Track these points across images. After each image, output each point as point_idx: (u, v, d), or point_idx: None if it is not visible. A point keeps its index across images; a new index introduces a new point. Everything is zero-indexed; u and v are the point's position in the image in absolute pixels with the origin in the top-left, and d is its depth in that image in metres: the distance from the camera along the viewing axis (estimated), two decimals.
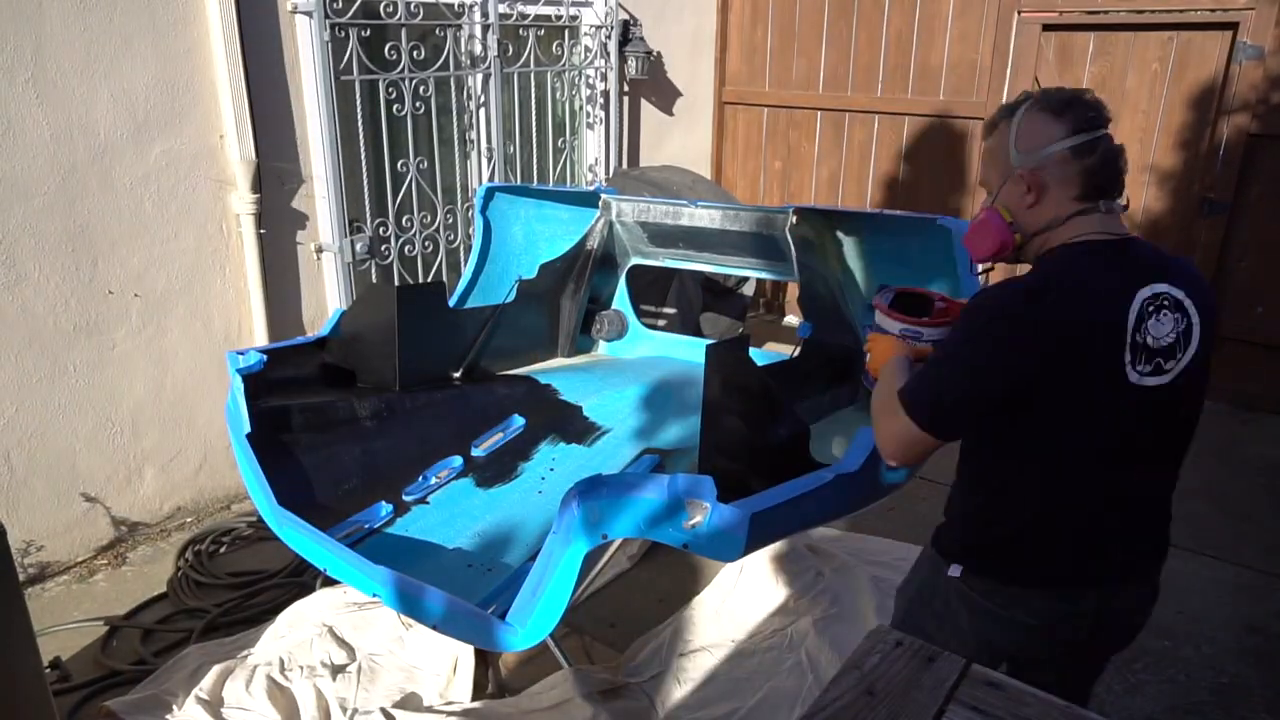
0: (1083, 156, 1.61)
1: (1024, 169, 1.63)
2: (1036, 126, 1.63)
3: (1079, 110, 1.62)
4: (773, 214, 3.19)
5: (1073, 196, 1.62)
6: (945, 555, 1.78)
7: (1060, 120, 1.61)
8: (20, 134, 3.08)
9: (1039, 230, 1.65)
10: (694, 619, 3.08)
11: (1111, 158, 1.64)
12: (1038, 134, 1.63)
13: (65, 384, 3.36)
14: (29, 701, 2.04)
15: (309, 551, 2.10)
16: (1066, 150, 1.60)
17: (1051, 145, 1.61)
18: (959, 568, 1.73)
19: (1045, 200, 1.63)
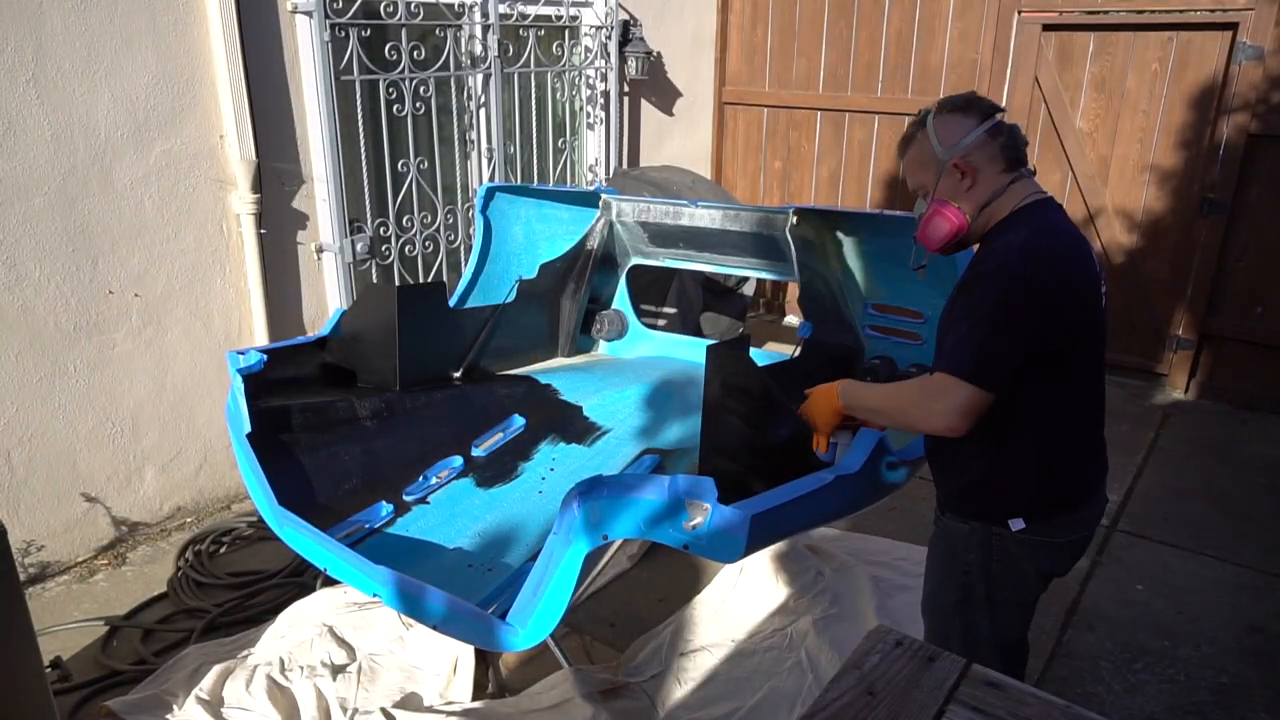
0: (997, 136, 1.89)
1: (954, 158, 1.89)
2: (951, 124, 1.90)
3: (979, 103, 1.91)
4: (773, 214, 3.19)
5: (1000, 170, 1.90)
6: (995, 519, 1.93)
7: (968, 114, 1.90)
8: (21, 134, 3.09)
9: (984, 204, 1.90)
10: (694, 619, 3.08)
11: (1016, 132, 1.92)
12: (955, 129, 1.90)
13: (65, 384, 3.37)
14: (29, 701, 2.04)
15: (309, 551, 2.10)
16: (983, 134, 1.88)
17: (970, 134, 1.88)
18: (1020, 521, 1.90)
19: (980, 180, 1.89)
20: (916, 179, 1.98)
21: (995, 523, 1.93)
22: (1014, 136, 1.90)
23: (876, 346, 3.24)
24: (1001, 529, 1.92)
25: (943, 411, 1.75)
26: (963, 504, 2.00)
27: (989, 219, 1.90)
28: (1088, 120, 5.14)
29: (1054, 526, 1.93)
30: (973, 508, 1.98)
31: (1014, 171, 1.89)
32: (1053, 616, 3.16)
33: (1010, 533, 1.91)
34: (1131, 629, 3.15)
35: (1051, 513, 1.93)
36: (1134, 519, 3.87)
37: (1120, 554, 3.61)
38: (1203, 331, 5.06)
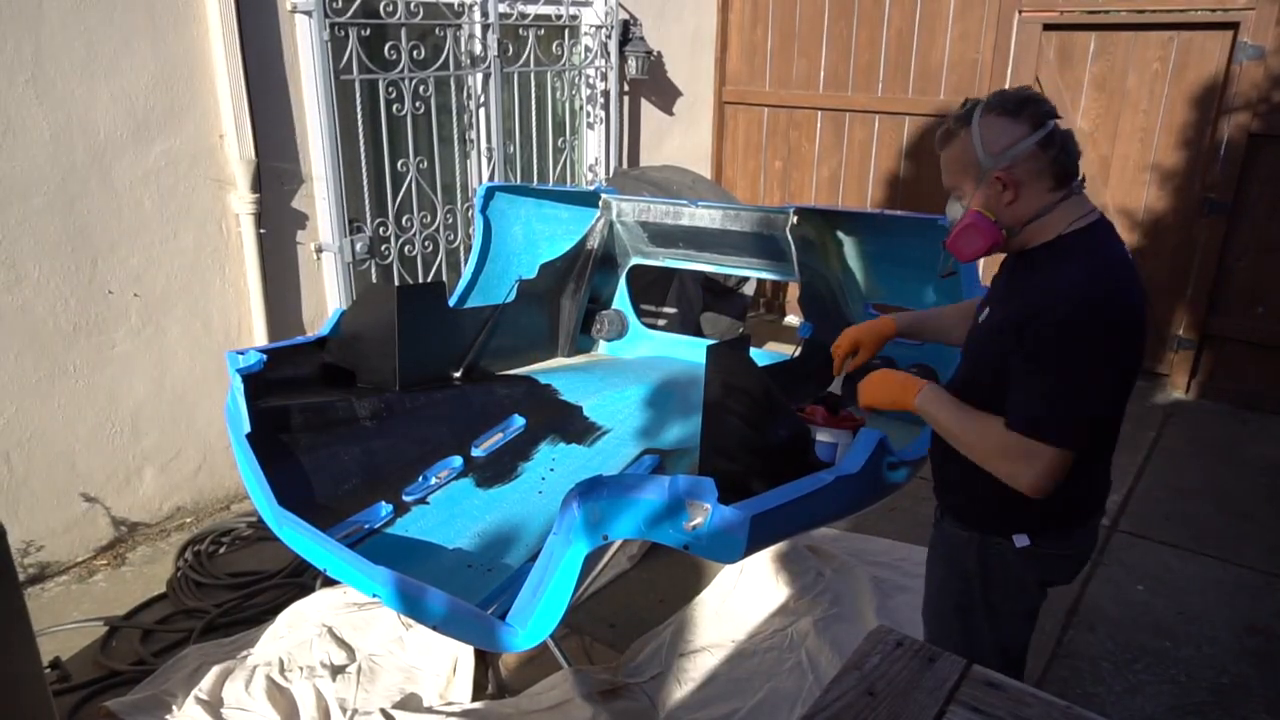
0: (1049, 148, 1.70)
1: (998, 170, 1.71)
2: (999, 129, 1.71)
3: (1033, 107, 1.70)
4: (773, 214, 3.18)
5: (1048, 187, 1.72)
6: (998, 532, 1.88)
7: (1019, 120, 1.70)
8: (20, 134, 3.08)
9: (1026, 222, 1.74)
10: (694, 619, 3.07)
11: (1068, 143, 1.73)
12: (1002, 135, 1.70)
13: (65, 384, 3.36)
14: (29, 701, 2.04)
15: (309, 551, 2.10)
16: (1035, 146, 1.69)
17: (1020, 144, 1.69)
18: (1025, 537, 1.85)
19: (1023, 195, 1.72)
20: (953, 180, 1.80)
21: (998, 534, 1.88)
22: (1067, 148, 1.71)
23: None
24: (1003, 540, 1.87)
25: (1029, 475, 1.67)
26: (966, 514, 1.95)
27: (1030, 237, 1.75)
28: (1088, 120, 5.14)
29: (1059, 541, 1.88)
30: (976, 519, 1.93)
31: (1064, 189, 1.72)
32: (1053, 616, 3.16)
33: (1012, 546, 1.86)
34: (1131, 629, 3.14)
35: (1055, 528, 1.87)
36: (1134, 519, 3.87)
37: (1120, 554, 3.60)
38: (1204, 331, 5.05)
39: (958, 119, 1.76)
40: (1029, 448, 1.66)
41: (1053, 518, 1.84)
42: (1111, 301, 1.64)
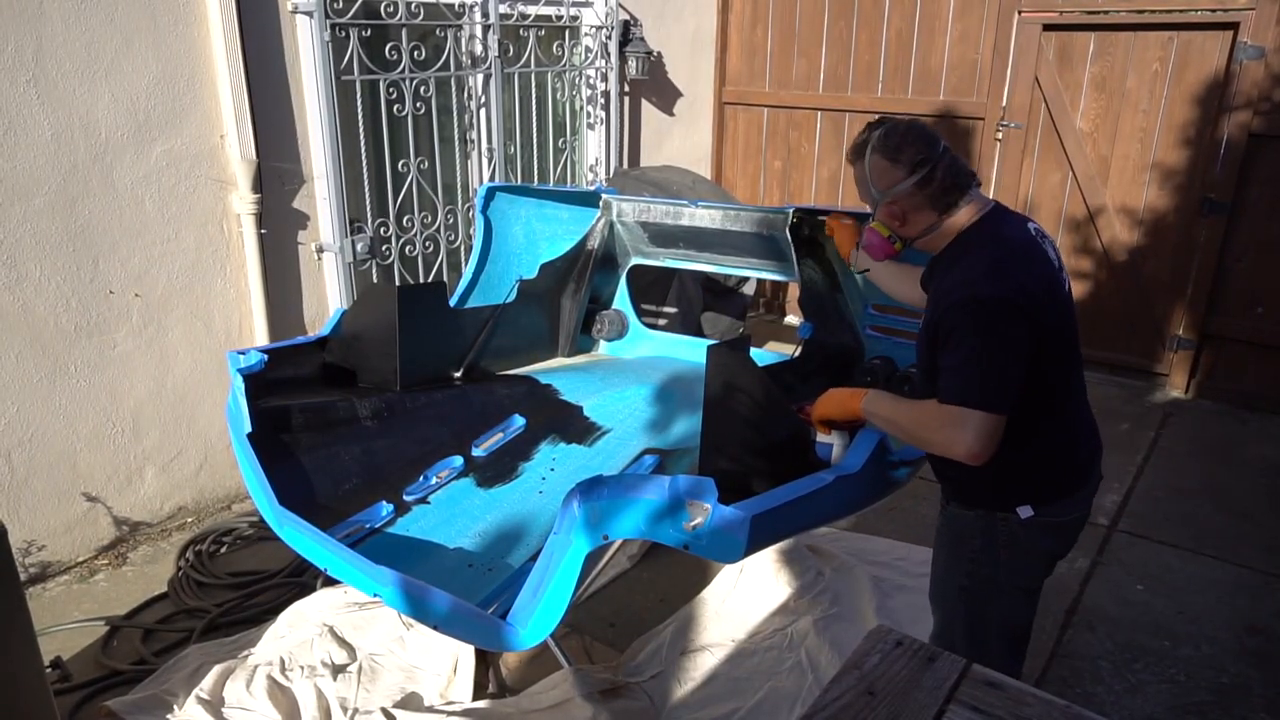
0: (924, 187, 1.93)
1: (885, 201, 1.98)
2: (881, 170, 1.97)
3: (910, 152, 1.92)
4: (773, 214, 3.19)
5: (934, 213, 1.96)
6: (1002, 507, 1.99)
7: (896, 165, 1.94)
8: (21, 134, 3.09)
9: (920, 235, 2.01)
10: (694, 619, 3.08)
11: (950, 172, 1.93)
12: (884, 176, 1.97)
13: (66, 384, 3.37)
14: (30, 701, 2.04)
15: (309, 551, 2.10)
16: (910, 187, 1.94)
17: (897, 186, 1.95)
18: (1028, 508, 1.97)
19: (911, 219, 1.99)
20: (861, 195, 2.08)
21: (1001, 509, 2.00)
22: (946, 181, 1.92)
23: (876, 346, 3.24)
24: (1008, 514, 1.99)
25: (963, 440, 1.79)
26: (967, 495, 2.05)
27: (932, 243, 2.01)
28: (1088, 120, 5.14)
29: (1058, 507, 2.01)
30: (977, 497, 2.03)
31: (949, 210, 1.95)
32: (1053, 616, 3.16)
33: (1018, 518, 1.98)
34: (1131, 629, 3.15)
35: (1053, 496, 2.00)
36: (1134, 519, 3.87)
37: (1120, 554, 3.61)
38: (1203, 331, 5.06)
39: (856, 148, 2.03)
40: (956, 414, 1.80)
41: (1049, 485, 1.99)
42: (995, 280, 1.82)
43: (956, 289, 1.86)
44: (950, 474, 2.07)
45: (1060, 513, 2.03)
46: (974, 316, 1.81)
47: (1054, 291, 1.91)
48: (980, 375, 1.80)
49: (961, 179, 1.95)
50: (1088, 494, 2.08)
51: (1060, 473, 2.01)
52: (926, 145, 1.93)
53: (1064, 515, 2.04)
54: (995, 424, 1.78)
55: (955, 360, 1.83)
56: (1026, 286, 1.83)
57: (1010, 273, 1.84)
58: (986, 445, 1.79)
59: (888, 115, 2.08)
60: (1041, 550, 2.05)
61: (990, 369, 1.80)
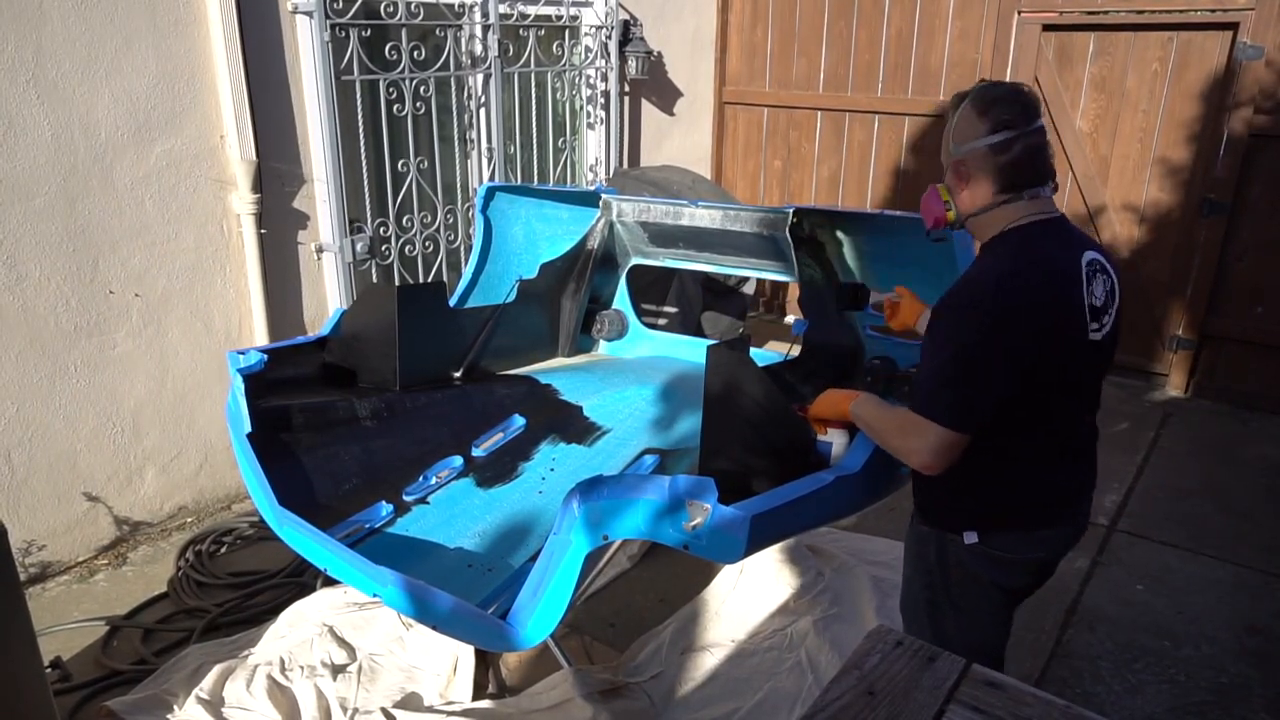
0: (998, 154, 1.78)
1: (956, 158, 1.84)
2: (967, 122, 1.81)
3: (999, 110, 1.77)
4: (772, 214, 3.18)
5: (994, 189, 1.81)
6: (951, 528, 1.93)
7: (983, 119, 1.78)
8: (21, 134, 3.09)
9: (971, 214, 1.86)
10: (694, 619, 3.08)
11: (1031, 153, 1.78)
12: (966, 129, 1.81)
13: (66, 384, 3.37)
14: (29, 701, 2.04)
15: (309, 551, 2.10)
16: (985, 147, 1.78)
17: (973, 141, 1.80)
18: (974, 534, 1.89)
19: (971, 188, 1.83)
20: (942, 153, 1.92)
21: (951, 530, 1.94)
22: (1022, 160, 1.77)
23: (876, 346, 3.24)
24: (955, 536, 1.92)
25: (918, 449, 1.76)
26: (924, 509, 2.01)
27: (978, 229, 1.87)
28: (1088, 120, 5.14)
29: (1006, 543, 1.91)
30: (932, 513, 1.99)
31: (1010, 193, 1.79)
32: (1052, 616, 3.17)
33: (962, 543, 1.91)
34: (1131, 629, 3.15)
35: (1003, 531, 1.90)
36: (1134, 519, 3.87)
37: (1120, 554, 3.61)
38: (1203, 331, 5.06)
39: (956, 97, 1.87)
40: (917, 424, 1.75)
41: (995, 517, 1.90)
42: (997, 294, 1.70)
43: (965, 286, 1.78)
44: (916, 487, 2.03)
45: (1008, 548, 1.90)
46: (959, 327, 1.74)
47: (1067, 333, 1.75)
48: (948, 391, 1.73)
49: (1040, 168, 1.79)
50: (1052, 537, 1.94)
51: (1013, 508, 1.89)
52: (1021, 111, 1.77)
53: (1012, 552, 1.91)
54: (953, 441, 1.72)
55: (930, 367, 1.78)
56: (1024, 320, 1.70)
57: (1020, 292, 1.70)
58: (939, 460, 1.74)
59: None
60: (990, 580, 1.94)
61: (958, 387, 1.72)
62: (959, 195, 1.86)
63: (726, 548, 1.78)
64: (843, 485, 2.00)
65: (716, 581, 3.25)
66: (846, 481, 2.00)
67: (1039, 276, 1.73)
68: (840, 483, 1.99)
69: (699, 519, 1.77)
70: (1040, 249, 1.77)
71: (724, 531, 1.76)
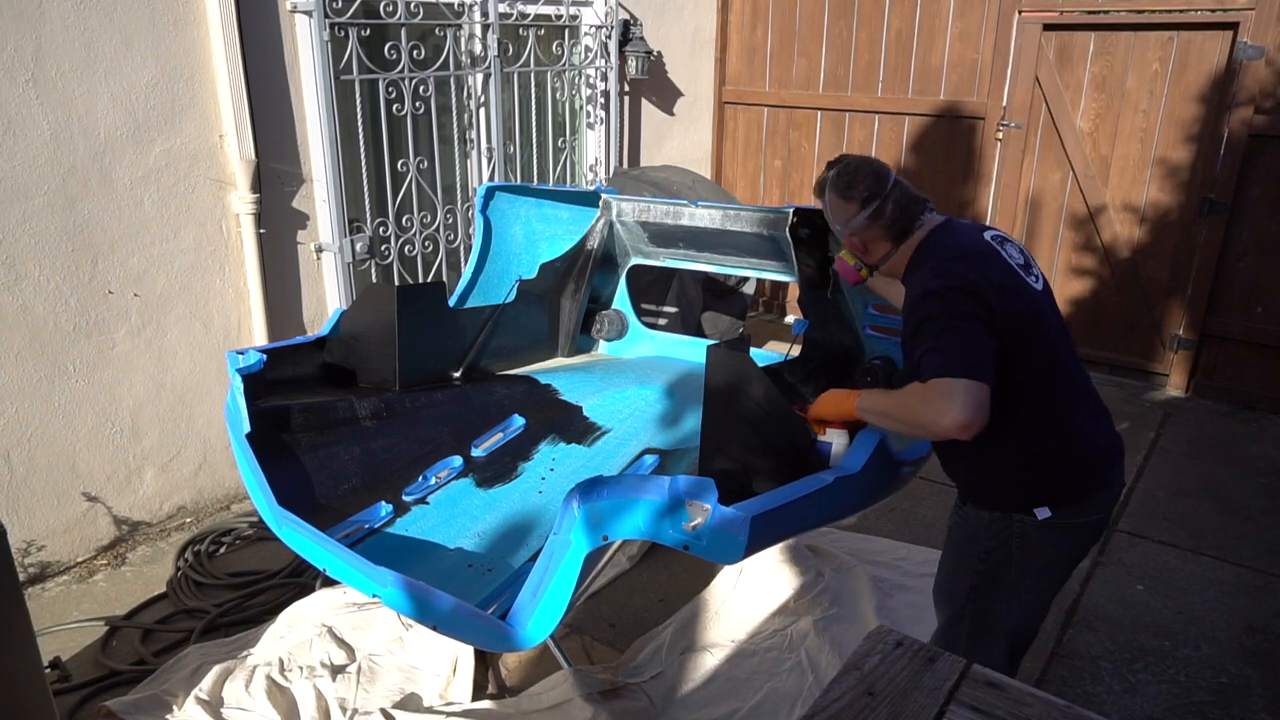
0: (877, 219, 2.07)
1: (846, 235, 2.14)
2: (837, 207, 2.12)
3: (860, 188, 2.06)
4: (773, 214, 3.18)
5: (889, 242, 2.09)
6: (1019, 508, 2.01)
7: (850, 201, 2.08)
8: (20, 134, 3.08)
9: (881, 261, 2.14)
10: (694, 619, 3.08)
11: (899, 204, 2.06)
12: (840, 213, 2.12)
13: (65, 384, 3.36)
14: (29, 701, 2.04)
15: (309, 551, 2.10)
16: (864, 220, 2.08)
17: (852, 219, 2.09)
18: (1046, 509, 1.99)
19: (872, 248, 2.13)
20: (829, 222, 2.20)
21: (1018, 510, 2.00)
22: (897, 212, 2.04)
23: (876, 347, 3.24)
24: (1025, 516, 1.99)
25: (950, 410, 1.75)
26: (984, 494, 2.07)
27: (894, 268, 2.12)
28: (1088, 120, 5.14)
29: (1076, 509, 2.02)
30: (993, 498, 2.04)
31: (903, 238, 2.07)
32: (1052, 616, 3.16)
33: (1035, 520, 1.99)
34: (1131, 629, 3.15)
35: (1070, 498, 2.00)
36: (1134, 519, 3.87)
37: (1120, 554, 3.61)
38: (1203, 331, 5.06)
39: (816, 188, 2.19)
40: (940, 386, 1.79)
41: (1064, 486, 1.99)
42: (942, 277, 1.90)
43: (910, 293, 1.97)
44: (964, 480, 2.11)
45: (1078, 515, 2.02)
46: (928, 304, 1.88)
47: (1015, 284, 1.95)
48: (952, 348, 1.81)
49: (912, 208, 2.07)
50: (1107, 498, 2.07)
51: (1074, 473, 2.00)
52: (876, 181, 2.06)
53: (1081, 517, 2.03)
54: (980, 391, 1.75)
55: (925, 345, 1.85)
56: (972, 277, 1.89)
57: (955, 269, 1.92)
58: (975, 414, 1.74)
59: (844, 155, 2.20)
60: (1056, 553, 2.05)
61: (959, 341, 1.82)
62: (863, 255, 2.17)
63: (726, 548, 1.78)
64: (843, 485, 2.00)
65: (716, 581, 3.25)
66: (846, 482, 2.00)
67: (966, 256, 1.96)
68: (840, 483, 1.99)
69: (699, 519, 1.77)
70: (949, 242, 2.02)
71: (724, 532, 1.75)
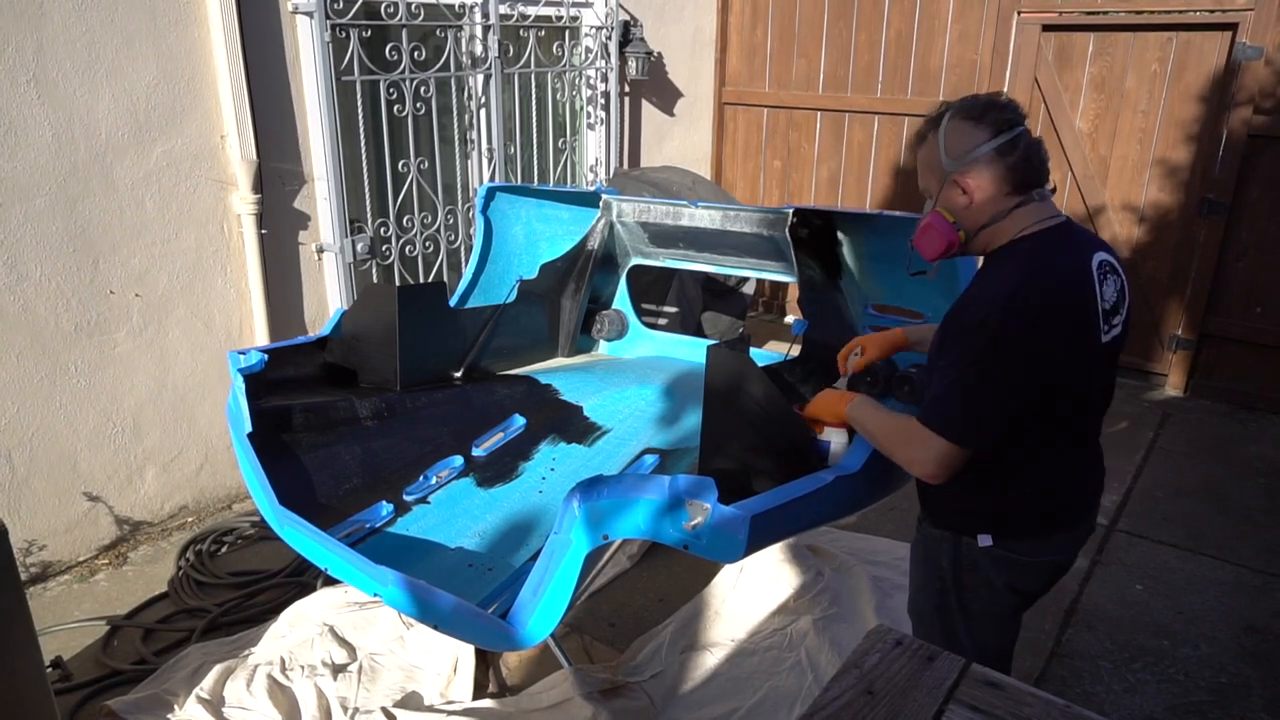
0: (1006, 155, 1.74)
1: (956, 173, 1.78)
2: (961, 133, 1.77)
3: (995, 113, 1.76)
4: (772, 214, 3.19)
5: (1005, 192, 1.77)
6: (966, 531, 1.92)
7: (980, 125, 1.76)
8: (22, 134, 3.09)
9: (983, 225, 1.80)
10: (694, 618, 3.08)
11: (1032, 151, 1.77)
12: (963, 140, 1.77)
13: (66, 384, 3.37)
14: (30, 701, 2.04)
15: (310, 551, 2.10)
16: (991, 151, 1.75)
17: (977, 148, 1.75)
18: (988, 537, 1.88)
19: (979, 200, 1.78)
20: (923, 181, 1.87)
21: (964, 533, 1.92)
22: (1029, 156, 1.75)
23: None
24: (970, 539, 1.91)
25: (922, 461, 1.76)
26: (935, 512, 2.00)
27: (988, 241, 1.81)
28: (1087, 120, 5.15)
29: (1024, 546, 1.89)
30: (944, 517, 1.97)
31: (1021, 195, 1.76)
32: (1053, 616, 3.17)
33: (978, 546, 1.90)
34: (1131, 629, 3.15)
35: (1021, 534, 1.89)
36: (1134, 519, 3.88)
37: (1120, 554, 3.61)
38: (1202, 331, 5.06)
39: (928, 121, 1.85)
40: (925, 436, 1.74)
41: (1012, 522, 1.89)
42: (1009, 312, 1.66)
43: (973, 304, 1.74)
44: (926, 491, 2.01)
45: (1026, 552, 1.89)
46: (975, 345, 1.68)
47: (1082, 342, 1.73)
48: (960, 409, 1.71)
49: (1041, 168, 1.77)
50: (1065, 541, 1.94)
51: (1031, 510, 1.89)
52: (1016, 110, 1.76)
53: (1030, 556, 1.90)
54: (958, 454, 1.72)
55: (943, 382, 1.74)
56: (1044, 333, 1.67)
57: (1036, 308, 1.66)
58: (943, 471, 1.74)
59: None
60: (1003, 582, 1.92)
61: (971, 406, 1.71)
62: (965, 210, 1.79)
63: (726, 547, 1.78)
64: (843, 485, 2.00)
65: (716, 581, 3.25)
66: (846, 481, 2.01)
67: (1051, 290, 1.69)
68: (840, 482, 1.99)
69: (699, 518, 1.77)
70: (1049, 259, 1.73)
71: (724, 531, 1.76)
